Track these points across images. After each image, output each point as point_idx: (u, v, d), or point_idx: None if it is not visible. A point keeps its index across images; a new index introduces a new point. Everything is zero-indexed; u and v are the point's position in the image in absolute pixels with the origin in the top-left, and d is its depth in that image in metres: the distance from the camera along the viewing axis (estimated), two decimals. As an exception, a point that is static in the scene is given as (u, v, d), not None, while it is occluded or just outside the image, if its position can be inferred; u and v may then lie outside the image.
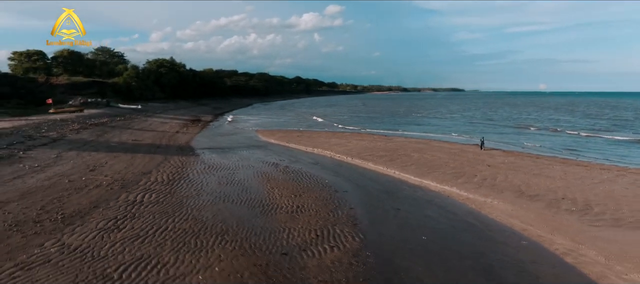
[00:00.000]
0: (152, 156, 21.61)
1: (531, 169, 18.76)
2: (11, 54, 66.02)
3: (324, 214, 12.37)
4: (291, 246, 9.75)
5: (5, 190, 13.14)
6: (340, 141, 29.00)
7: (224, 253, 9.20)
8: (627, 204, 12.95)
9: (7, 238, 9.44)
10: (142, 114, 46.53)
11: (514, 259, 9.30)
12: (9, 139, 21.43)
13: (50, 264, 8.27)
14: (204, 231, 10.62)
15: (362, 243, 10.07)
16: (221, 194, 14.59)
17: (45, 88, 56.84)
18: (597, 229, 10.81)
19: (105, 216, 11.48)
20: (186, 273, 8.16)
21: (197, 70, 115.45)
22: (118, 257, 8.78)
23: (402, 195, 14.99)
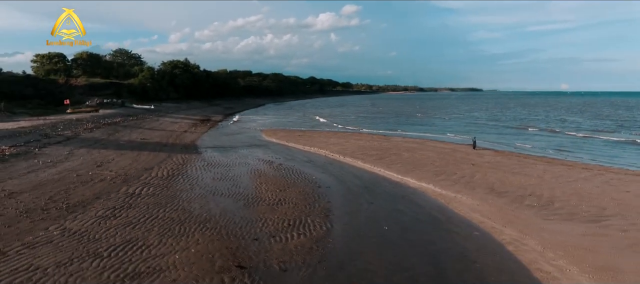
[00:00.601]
0: (156, 154, 23.14)
1: (513, 168, 19.51)
2: (34, 56, 69.34)
3: (301, 206, 13.52)
4: (263, 233, 10.94)
5: (19, 182, 14.72)
6: (339, 140, 30.09)
7: (202, 238, 10.45)
8: (589, 200, 13.70)
9: (17, 222, 10.90)
10: (154, 114, 48.53)
11: (460, 247, 10.27)
12: (27, 137, 23.27)
13: (51, 244, 9.65)
14: (189, 219, 11.90)
15: (328, 232, 11.18)
16: (213, 188, 15.89)
17: (65, 89, 59.57)
18: (548, 222, 11.66)
19: (105, 206, 12.88)
20: (166, 253, 9.42)
21: (212, 71, 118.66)
22: (110, 239, 10.11)
23: (380, 191, 16.02)
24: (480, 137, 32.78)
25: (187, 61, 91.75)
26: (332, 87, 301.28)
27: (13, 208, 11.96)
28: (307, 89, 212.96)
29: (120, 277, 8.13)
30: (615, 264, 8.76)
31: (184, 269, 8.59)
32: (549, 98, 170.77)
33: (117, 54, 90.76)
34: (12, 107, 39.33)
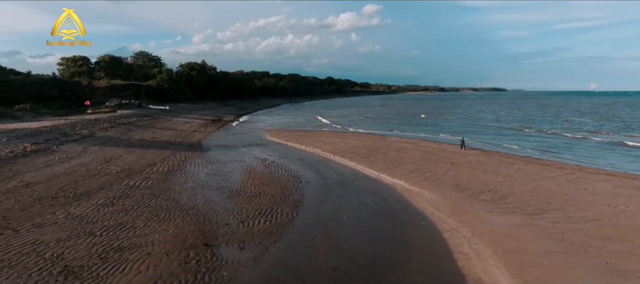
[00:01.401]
0: (162, 152, 25.22)
1: (488, 166, 20.63)
2: (60, 59, 73.50)
3: (277, 198, 15.17)
4: (235, 220, 12.63)
5: (36, 175, 16.91)
6: (335, 140, 31.59)
7: (182, 222, 12.22)
8: (542, 196, 14.84)
9: (30, 207, 12.94)
10: (168, 114, 51.14)
11: (402, 233, 11.71)
12: (48, 136, 25.75)
13: (56, 225, 11.60)
14: (175, 207, 13.72)
15: (291, 219, 12.79)
16: (204, 182, 17.73)
17: (88, 90, 62.97)
18: (490, 215, 12.93)
19: (106, 195, 14.85)
20: (148, 233, 11.23)
21: (230, 71, 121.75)
22: (104, 222, 12.00)
23: (354, 186, 17.50)
24: (477, 138, 33.78)
25: (204, 63, 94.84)
26: (350, 87, 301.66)
27: (28, 196, 14.06)
28: (324, 89, 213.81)
29: (105, 250, 9.95)
30: (525, 248, 10.05)
31: (160, 245, 10.36)
32: (572, 98, 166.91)
33: (138, 57, 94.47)
34: (39, 108, 42.40)
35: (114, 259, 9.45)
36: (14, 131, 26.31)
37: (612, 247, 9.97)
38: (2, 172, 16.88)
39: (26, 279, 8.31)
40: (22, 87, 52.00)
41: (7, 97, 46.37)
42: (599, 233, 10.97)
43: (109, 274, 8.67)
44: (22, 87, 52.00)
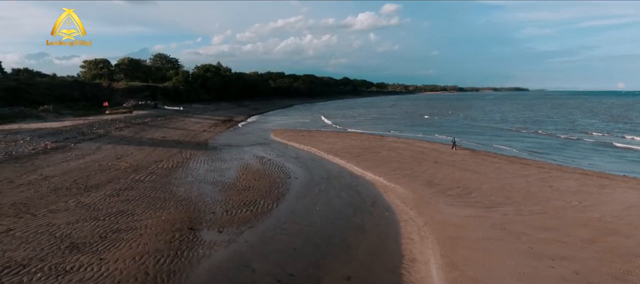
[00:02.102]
0: (169, 150, 27.26)
1: (469, 165, 21.84)
2: (82, 62, 77.24)
3: (263, 191, 16.85)
4: (221, 209, 14.36)
5: (54, 169, 19.07)
6: (334, 140, 33.12)
7: (175, 211, 14.02)
8: (505, 192, 16.08)
9: (46, 196, 14.98)
10: (181, 115, 53.60)
11: (364, 222, 13.21)
12: (67, 135, 28.15)
13: (67, 211, 13.55)
14: (171, 198, 15.55)
15: (270, 209, 14.45)
16: (202, 177, 19.55)
17: (108, 92, 66.26)
18: (449, 207, 14.28)
19: (113, 188, 16.81)
20: (143, 219, 13.05)
21: (246, 73, 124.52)
22: (108, 210, 13.89)
23: (337, 182, 19.02)
24: (473, 139, 34.85)
25: (219, 65, 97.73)
26: (366, 87, 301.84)
27: (45, 187, 16.14)
28: (340, 89, 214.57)
29: (106, 231, 11.80)
30: (466, 235, 11.42)
31: (151, 228, 12.16)
32: (593, 98, 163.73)
33: (156, 59, 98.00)
34: (61, 109, 45.36)
35: (111, 238, 11.29)
36: (37, 130, 28.82)
37: (543, 235, 11.25)
38: (24, 167, 19.10)
39: (39, 251, 10.19)
40: (47, 89, 55.41)
41: (33, 99, 49.69)
42: (540, 224, 12.23)
43: (106, 249, 10.49)
44: (47, 89, 55.41)
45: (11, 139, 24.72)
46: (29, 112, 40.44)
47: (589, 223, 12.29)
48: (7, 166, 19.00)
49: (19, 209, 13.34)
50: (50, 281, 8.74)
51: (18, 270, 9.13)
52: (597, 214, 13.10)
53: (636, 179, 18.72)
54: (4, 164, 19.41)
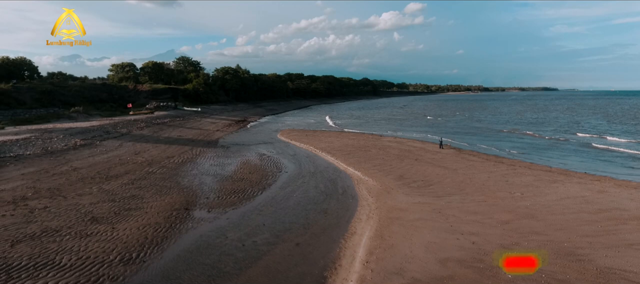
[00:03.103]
0: (182, 147, 30.58)
1: (445, 163, 24.09)
2: (111, 65, 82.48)
3: (254, 182, 19.74)
4: (214, 196, 17.31)
5: (81, 162, 22.54)
6: (332, 139, 35.76)
7: (176, 196, 17.06)
8: (461, 185, 18.39)
9: (75, 183, 18.31)
10: (199, 116, 57.32)
11: (328, 206, 15.85)
12: (94, 133, 31.90)
13: (91, 194, 16.79)
14: (175, 187, 18.63)
15: (254, 197, 17.30)
16: (205, 171, 22.62)
17: (133, 94, 70.96)
18: (404, 196, 16.73)
19: (129, 178, 20.05)
20: (150, 202, 16.13)
21: (266, 74, 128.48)
22: (123, 194, 17.06)
23: (321, 175, 21.69)
24: (465, 139, 36.88)
25: (238, 67, 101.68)
26: (386, 88, 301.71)
27: (74, 176, 19.53)
28: (359, 90, 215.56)
29: (119, 209, 14.91)
30: (404, 216, 13.90)
31: (155, 208, 15.20)
32: (623, 99, 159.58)
33: (179, 62, 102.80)
34: (90, 110, 49.77)
35: (123, 214, 14.38)
36: (69, 129, 32.72)
37: (469, 218, 13.64)
38: (58, 160, 22.67)
39: (68, 222, 13.34)
40: (78, 91, 60.29)
41: (66, 100, 54.52)
42: (472, 210, 14.60)
43: (118, 222, 13.56)
44: (78, 91, 60.29)
45: (47, 137, 28.54)
46: (62, 113, 44.86)
47: (516, 209, 14.57)
48: (44, 159, 22.61)
49: (53, 192, 16.68)
50: (75, 241, 11.83)
51: (53, 234, 12.28)
52: (528, 203, 15.33)
53: (590, 176, 20.60)
54: (41, 157, 23.04)
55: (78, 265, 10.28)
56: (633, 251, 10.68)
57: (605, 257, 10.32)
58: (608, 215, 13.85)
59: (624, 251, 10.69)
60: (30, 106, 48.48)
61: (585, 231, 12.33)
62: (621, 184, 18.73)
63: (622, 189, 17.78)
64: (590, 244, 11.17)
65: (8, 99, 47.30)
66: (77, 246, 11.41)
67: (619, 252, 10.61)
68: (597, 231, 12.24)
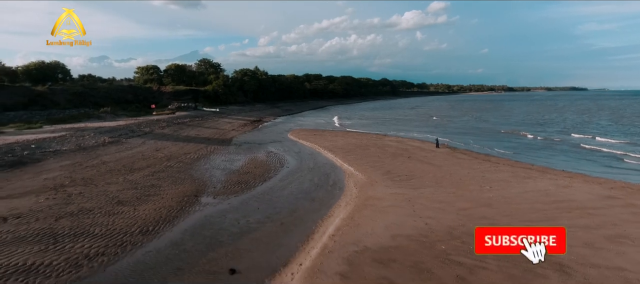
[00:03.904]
0: (198, 145, 33.63)
1: (434, 160, 26.17)
2: (136, 68, 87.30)
3: (257, 176, 22.41)
4: (221, 185, 20.06)
5: (110, 157, 25.77)
6: (337, 138, 38.18)
7: (189, 185, 19.89)
8: (440, 180, 20.51)
9: (104, 174, 21.42)
10: (217, 116, 60.69)
11: (317, 195, 18.33)
12: (120, 132, 35.36)
13: (117, 183, 19.82)
14: (188, 178, 21.49)
15: (254, 187, 19.95)
16: (216, 165, 25.46)
17: (157, 95, 75.16)
18: (384, 187, 19.02)
19: (150, 171, 23.06)
20: (166, 190, 18.99)
21: (284, 75, 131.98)
22: (144, 183, 20.00)
23: (318, 170, 24.17)
24: (463, 139, 38.60)
25: (257, 69, 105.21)
26: (406, 88, 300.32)
27: (104, 169, 22.68)
28: (378, 90, 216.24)
29: (140, 195, 17.81)
30: (379, 203, 16.23)
31: (170, 195, 18.04)
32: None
33: (201, 64, 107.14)
34: (117, 110, 53.76)
35: (143, 199, 17.26)
36: (98, 128, 36.31)
37: (434, 206, 15.86)
38: (89, 155, 25.97)
39: (98, 204, 16.29)
40: (106, 93, 64.68)
41: (95, 101, 58.80)
42: (440, 199, 16.79)
43: (139, 205, 16.43)
44: (106, 93, 64.68)
45: (80, 135, 32.07)
46: (92, 113, 48.91)
47: (477, 200, 16.68)
48: (78, 154, 25.95)
49: (86, 181, 19.79)
50: (105, 217, 14.72)
51: (87, 213, 15.22)
52: (492, 195, 17.41)
53: (565, 173, 22.34)
54: (76, 152, 26.40)
55: (107, 234, 13.13)
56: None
57: (531, 235, 12.41)
58: (558, 205, 15.81)
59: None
60: (63, 106, 52.80)
61: (529, 217, 14.39)
62: (589, 181, 20.47)
63: (587, 184, 19.55)
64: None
65: (44, 100, 51.71)
66: (106, 221, 14.29)
67: (546, 232, 12.68)
68: (539, 218, 14.28)
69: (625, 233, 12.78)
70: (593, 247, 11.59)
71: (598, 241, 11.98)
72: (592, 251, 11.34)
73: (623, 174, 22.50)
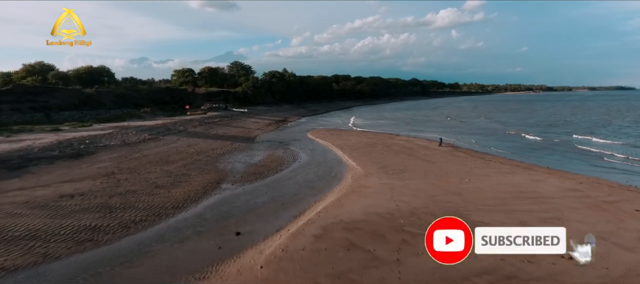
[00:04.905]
0: (225, 142, 37.86)
1: (431, 157, 28.98)
2: (173, 71, 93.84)
3: (271, 168, 26.13)
4: (239, 175, 23.90)
5: (149, 151, 30.29)
6: (350, 137, 41.43)
7: (213, 174, 23.85)
8: (426, 173, 23.42)
9: (145, 165, 25.79)
10: (244, 116, 65.29)
11: (318, 185, 21.78)
12: (158, 130, 40.19)
13: (155, 172, 24.06)
14: (213, 169, 25.50)
15: (268, 176, 23.65)
16: (238, 159, 29.42)
17: (191, 96, 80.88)
18: (377, 179, 22.14)
19: (182, 163, 27.26)
20: (194, 177, 23.01)
21: (314, 76, 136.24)
22: (177, 172, 24.13)
23: (325, 164, 27.57)
24: (470, 139, 40.86)
25: (285, 71, 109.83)
26: (436, 88, 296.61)
27: (144, 160, 27.11)
28: (407, 90, 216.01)
29: (174, 181, 21.89)
30: (364, 191, 19.44)
31: (197, 182, 22.03)
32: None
33: (232, 66, 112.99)
34: (156, 110, 59.34)
35: (175, 184, 21.31)
36: (139, 126, 41.33)
37: (410, 193, 18.91)
38: (132, 149, 30.61)
39: (140, 187, 20.46)
40: (146, 94, 70.79)
41: (136, 102, 64.79)
42: (418, 188, 19.80)
43: (172, 188, 20.47)
44: (146, 94, 70.79)
45: (124, 132, 37.03)
46: (134, 113, 54.57)
47: (451, 189, 19.57)
48: (123, 148, 30.66)
49: (131, 170, 24.16)
50: (146, 197, 18.80)
51: (132, 193, 19.38)
52: (467, 186, 20.22)
53: (546, 169, 24.70)
54: (121, 147, 31.13)
55: (148, 208, 17.16)
56: (501, 213, 15.57)
57: (477, 215, 15.33)
58: (518, 195, 18.47)
59: (495, 214, 15.59)
60: (109, 107, 58.90)
61: (487, 203, 17.20)
62: (565, 176, 22.82)
63: (560, 180, 21.91)
64: (478, 210, 16.16)
65: (93, 102, 57.97)
66: (147, 199, 18.38)
67: (491, 214, 15.55)
68: (495, 204, 17.08)
69: (562, 216, 15.45)
70: (524, 224, 14.39)
71: (531, 221, 14.77)
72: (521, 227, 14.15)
73: (601, 172, 24.58)
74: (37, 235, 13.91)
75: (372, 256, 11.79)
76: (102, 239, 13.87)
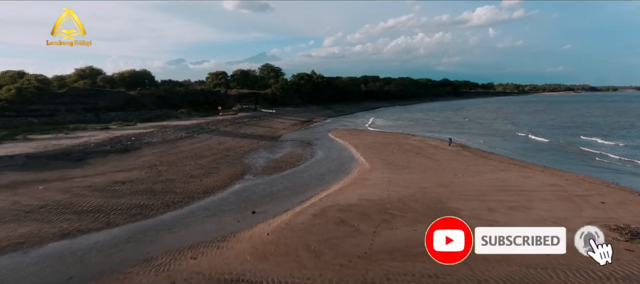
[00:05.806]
0: (251, 140, 41.79)
1: (437, 156, 31.53)
2: (207, 74, 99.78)
3: (289, 163, 29.63)
4: (261, 169, 27.53)
5: (185, 147, 34.57)
6: (368, 137, 44.33)
7: (239, 168, 27.61)
8: (426, 169, 26.13)
9: (181, 159, 29.94)
10: (272, 116, 69.39)
11: (328, 178, 25.01)
12: (193, 129, 44.72)
13: (190, 165, 28.08)
14: (239, 163, 29.28)
15: (285, 170, 27.14)
16: (261, 155, 33.14)
17: (223, 97, 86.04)
18: (380, 173, 25.10)
19: (213, 158, 31.25)
20: (223, 170, 26.83)
21: (342, 77, 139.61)
22: (208, 166, 28.04)
23: (338, 160, 30.74)
24: (479, 139, 42.78)
25: (313, 72, 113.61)
26: (469, 88, 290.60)
27: (180, 155, 31.31)
28: (438, 91, 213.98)
29: (205, 173, 25.77)
30: (365, 182, 22.50)
31: (225, 173, 25.83)
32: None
33: (263, 68, 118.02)
34: (191, 111, 64.46)
35: (207, 175, 25.17)
36: (177, 126, 46.04)
37: (404, 185, 21.81)
38: (171, 146, 35.01)
39: (178, 176, 24.42)
40: (183, 96, 76.38)
41: (173, 103, 70.31)
42: (413, 181, 22.63)
43: (204, 178, 24.32)
44: (183, 96, 76.38)
45: (164, 131, 41.72)
46: (172, 113, 59.81)
47: (442, 183, 22.28)
48: (163, 145, 35.13)
49: (170, 163, 28.34)
50: (182, 184, 22.72)
51: (171, 181, 23.35)
52: (457, 180, 22.86)
53: (540, 167, 26.76)
54: (161, 144, 35.62)
55: (184, 193, 21.03)
56: (476, 202, 18.23)
57: (455, 203, 18.08)
58: (501, 188, 20.93)
59: (471, 202, 18.25)
60: (150, 107, 64.53)
61: (469, 194, 19.84)
62: (555, 174, 24.90)
63: (548, 176, 24.04)
64: (459, 199, 18.87)
65: (136, 103, 63.76)
66: (183, 186, 22.28)
67: (468, 202, 18.24)
68: (475, 194, 19.70)
69: (530, 205, 17.91)
70: (492, 210, 17.04)
71: (499, 208, 17.38)
72: (488, 212, 16.84)
73: (593, 171, 26.42)
74: (101, 210, 17.99)
75: (355, 229, 14.94)
76: (149, 214, 17.78)
